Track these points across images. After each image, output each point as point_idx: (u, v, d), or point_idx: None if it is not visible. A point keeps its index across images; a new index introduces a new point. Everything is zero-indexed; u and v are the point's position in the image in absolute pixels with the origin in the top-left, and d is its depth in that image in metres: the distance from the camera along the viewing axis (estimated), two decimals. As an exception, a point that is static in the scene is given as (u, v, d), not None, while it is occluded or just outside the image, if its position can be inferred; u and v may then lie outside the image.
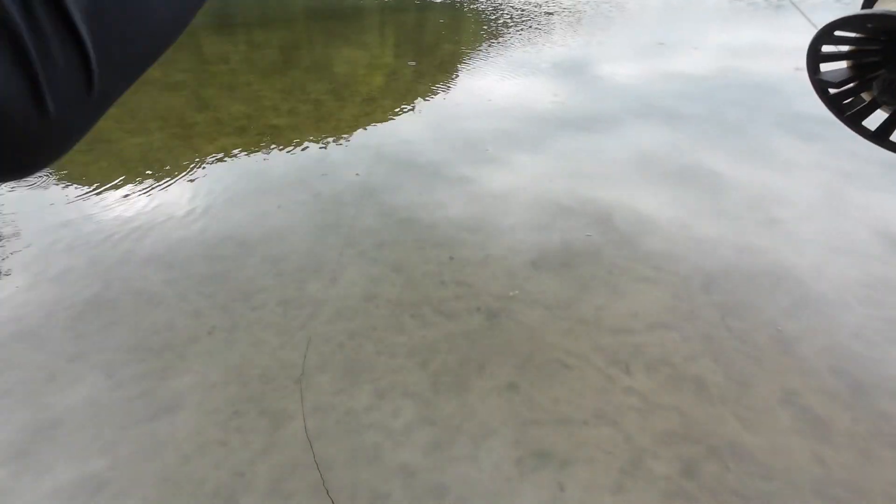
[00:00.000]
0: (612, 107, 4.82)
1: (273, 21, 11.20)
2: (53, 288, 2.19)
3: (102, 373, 1.77)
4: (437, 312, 2.04)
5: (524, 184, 3.18)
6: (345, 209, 2.85)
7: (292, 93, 5.27)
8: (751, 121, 4.46)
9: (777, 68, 6.30)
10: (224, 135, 4.01)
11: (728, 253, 2.48)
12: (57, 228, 2.64)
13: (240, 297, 2.14)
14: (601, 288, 2.21)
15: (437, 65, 6.89)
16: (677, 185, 3.19)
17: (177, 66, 6.57)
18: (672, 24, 10.71)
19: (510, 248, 2.49)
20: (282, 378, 1.75)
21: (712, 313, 2.06)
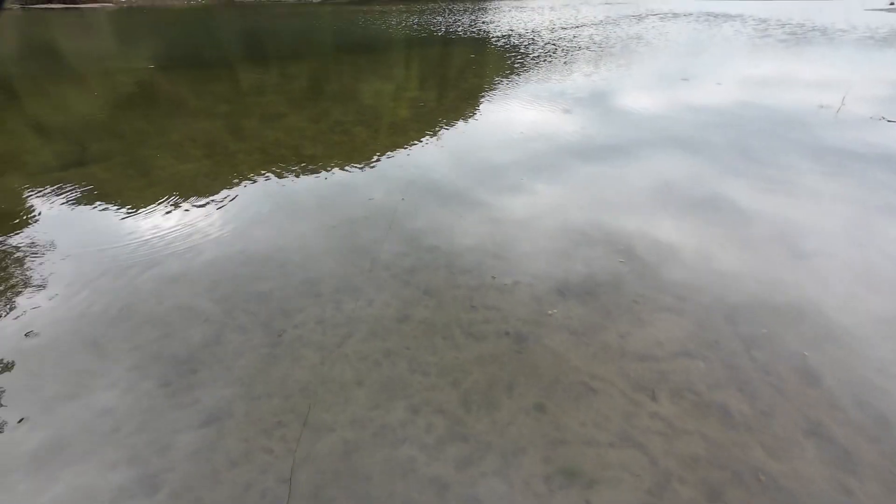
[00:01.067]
0: (636, 137, 4.95)
1: (305, 55, 11.83)
2: (115, 302, 2.38)
3: (158, 381, 1.92)
4: (466, 334, 2.14)
5: (548, 212, 3.30)
6: (378, 234, 3.01)
7: (325, 123, 5.57)
8: (775, 153, 4.52)
9: (801, 103, 6.35)
10: (264, 162, 4.28)
11: (751, 284, 2.52)
12: (115, 248, 2.87)
13: (282, 316, 2.28)
14: (625, 315, 2.28)
15: (462, 96, 7.17)
16: (700, 216, 3.26)
17: (219, 97, 7.01)
18: (695, 60, 10.89)
19: (535, 275, 2.59)
20: (322, 392, 1.86)
21: (736, 344, 2.10)
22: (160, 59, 11.15)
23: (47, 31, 18.54)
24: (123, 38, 16.98)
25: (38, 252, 2.85)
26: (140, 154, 4.57)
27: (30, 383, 1.92)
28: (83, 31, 19.04)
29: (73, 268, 2.68)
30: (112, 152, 4.61)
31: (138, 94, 7.49)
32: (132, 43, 15.40)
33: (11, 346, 2.10)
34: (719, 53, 11.90)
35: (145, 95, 7.45)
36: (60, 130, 5.42)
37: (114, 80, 8.57)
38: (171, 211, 3.34)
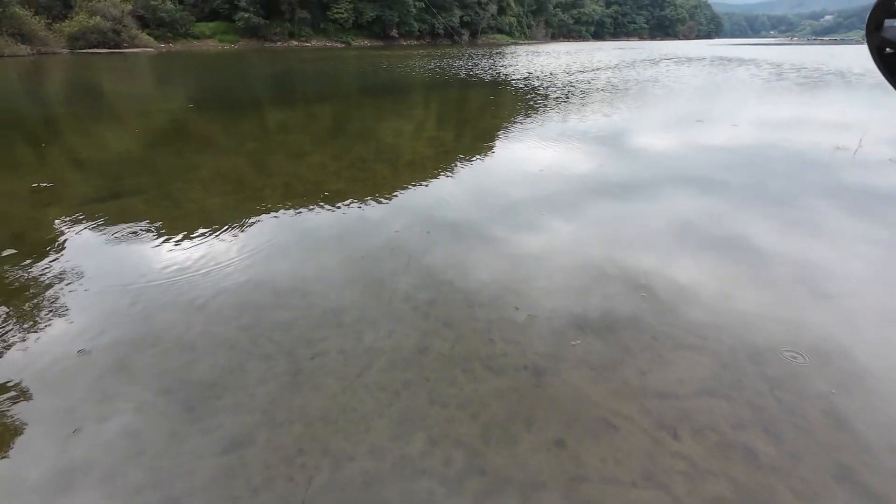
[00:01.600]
0: (653, 176, 5.01)
1: (330, 97, 12.40)
2: (145, 328, 2.47)
3: (183, 406, 1.97)
4: (485, 368, 2.16)
5: (566, 249, 3.35)
6: (398, 267, 3.08)
7: (347, 160, 5.80)
8: (793, 193, 4.53)
9: (817, 145, 6.38)
10: (288, 197, 4.45)
11: (774, 325, 2.50)
12: (146, 276, 2.99)
13: (304, 345, 2.33)
14: (645, 352, 2.27)
15: (481, 135, 7.40)
16: (719, 255, 3.26)
17: (247, 135, 7.36)
18: (710, 102, 11.08)
19: (553, 310, 2.60)
20: (342, 421, 1.88)
21: (760, 384, 2.07)
22: (194, 100, 11.81)
23: (92, 73, 19.87)
24: (161, 79, 18.08)
25: (71, 279, 2.98)
26: (172, 188, 4.81)
27: (62, 405, 1.98)
28: (125, 74, 20.35)
29: (106, 294, 2.79)
30: (146, 186, 4.85)
31: (173, 132, 7.92)
32: (169, 84, 16.38)
33: (43, 369, 2.19)
34: (734, 96, 12.10)
35: (179, 133, 7.87)
36: (99, 165, 5.74)
37: (150, 119, 9.09)
38: (200, 242, 3.49)
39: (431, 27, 69.91)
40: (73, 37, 37.73)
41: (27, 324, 2.53)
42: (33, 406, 1.98)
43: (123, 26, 40.53)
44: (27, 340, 2.39)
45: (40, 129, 8.23)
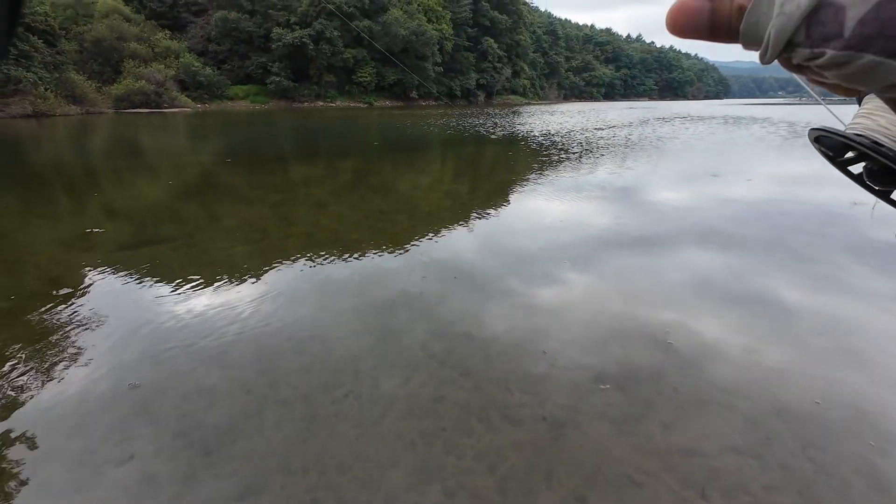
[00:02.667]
0: (669, 230, 5.04)
1: (352, 152, 12.99)
2: (167, 370, 2.51)
3: (200, 450, 1.97)
4: (503, 418, 2.12)
5: (584, 301, 3.34)
6: (415, 315, 3.11)
7: (367, 211, 5.99)
8: (814, 248, 4.49)
9: (834, 200, 6.38)
10: (310, 246, 4.59)
11: (802, 381, 2.42)
12: (171, 320, 3.08)
13: (321, 390, 2.34)
14: (667, 406, 2.21)
15: (497, 189, 7.60)
16: (740, 309, 3.21)
17: (273, 188, 7.71)
18: (724, 158, 11.25)
19: (572, 361, 2.57)
20: (357, 469, 1.85)
21: (790, 442, 1.98)
22: (224, 155, 12.51)
23: (133, 130, 21.31)
24: (196, 136, 19.27)
25: (98, 322, 3.08)
26: (200, 237, 5.01)
27: (83, 446, 2.00)
28: (163, 131, 21.77)
29: (131, 337, 2.87)
30: (176, 234, 5.07)
31: (204, 184, 8.35)
32: (203, 140, 17.42)
33: (67, 411, 2.23)
34: (748, 152, 12.28)
35: (209, 185, 8.29)
36: (132, 214, 6.05)
37: (183, 172, 9.63)
38: (223, 288, 3.59)
39: (449, 89, 73.83)
40: (119, 98, 40.87)
41: (53, 365, 2.60)
42: (53, 447, 2.00)
43: (165, 89, 43.85)
44: (52, 381, 2.45)
45: (81, 180, 8.78)
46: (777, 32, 0.23)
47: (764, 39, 0.23)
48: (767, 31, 0.23)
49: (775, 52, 0.23)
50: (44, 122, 26.54)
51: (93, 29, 44.07)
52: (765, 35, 0.23)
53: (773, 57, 0.24)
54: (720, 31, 0.25)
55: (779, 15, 0.22)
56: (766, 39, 0.23)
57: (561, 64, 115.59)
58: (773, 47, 0.23)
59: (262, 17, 58.31)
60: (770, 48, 0.23)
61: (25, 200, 6.80)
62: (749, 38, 0.24)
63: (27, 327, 3.02)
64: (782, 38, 0.22)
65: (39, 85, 32.49)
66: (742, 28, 0.24)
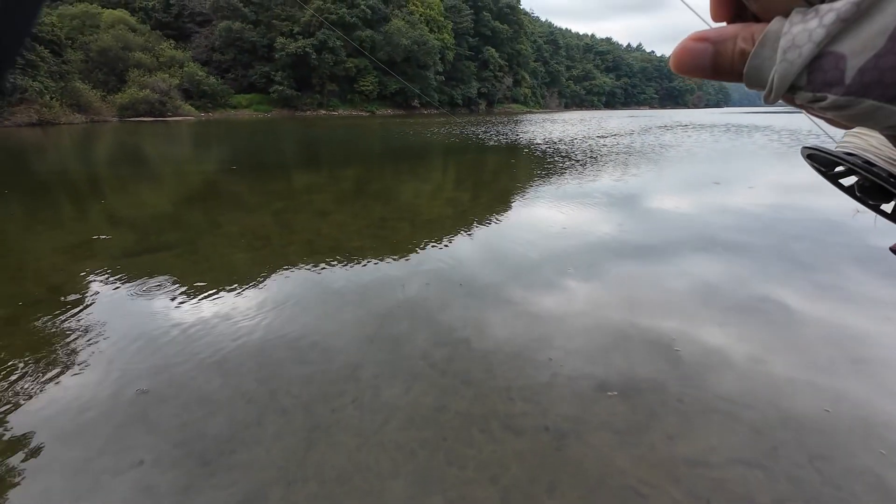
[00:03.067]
0: (672, 238, 5.03)
1: (353, 160, 13.04)
2: (167, 379, 2.50)
3: (200, 460, 1.95)
4: (505, 428, 2.10)
5: (587, 309, 3.32)
6: (416, 324, 3.09)
7: (368, 219, 6.00)
8: (817, 256, 4.46)
9: (836, 208, 6.36)
10: (312, 253, 4.59)
11: (808, 390, 2.39)
12: (171, 329, 3.07)
13: (322, 400, 2.32)
14: (671, 416, 2.18)
15: (499, 196, 7.61)
16: (744, 318, 3.19)
17: (275, 195, 7.73)
18: (726, 165, 11.26)
19: (574, 370, 2.55)
20: (357, 480, 1.83)
21: (797, 453, 1.95)
22: (227, 163, 12.56)
23: (137, 139, 21.45)
24: (199, 144, 19.38)
25: (99, 330, 3.07)
26: (202, 244, 5.02)
27: (82, 455, 1.98)
28: (166, 139, 21.91)
29: (130, 346, 2.86)
30: (178, 242, 5.08)
31: (206, 192, 8.38)
32: (206, 149, 17.52)
33: (67, 419, 2.21)
34: (749, 160, 12.30)
35: (212, 193, 8.32)
36: (134, 222, 6.06)
37: (186, 180, 9.67)
38: (224, 296, 3.58)
39: (451, 97, 74.31)
40: (124, 107, 41.22)
41: (53, 373, 2.59)
42: (53, 455, 1.99)
43: (169, 98, 44.22)
44: (52, 389, 2.44)
45: (87, 188, 8.82)
46: (780, 78, 0.24)
47: (767, 83, 0.24)
48: (771, 76, 0.24)
49: (779, 95, 0.25)
50: (48, 131, 26.75)
51: (99, 39, 44.58)
52: (768, 79, 0.24)
53: (776, 98, 0.25)
54: (723, 72, 0.26)
55: (782, 61, 0.23)
56: (770, 83, 0.24)
57: (562, 73, 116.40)
58: (777, 91, 0.24)
59: (265, 27, 58.95)
60: (774, 91, 0.24)
61: (30, 208, 6.83)
62: (752, 81, 0.25)
63: (29, 334, 3.01)
64: (785, 83, 0.24)
65: (45, 94, 32.80)
66: (745, 71, 0.25)
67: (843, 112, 0.24)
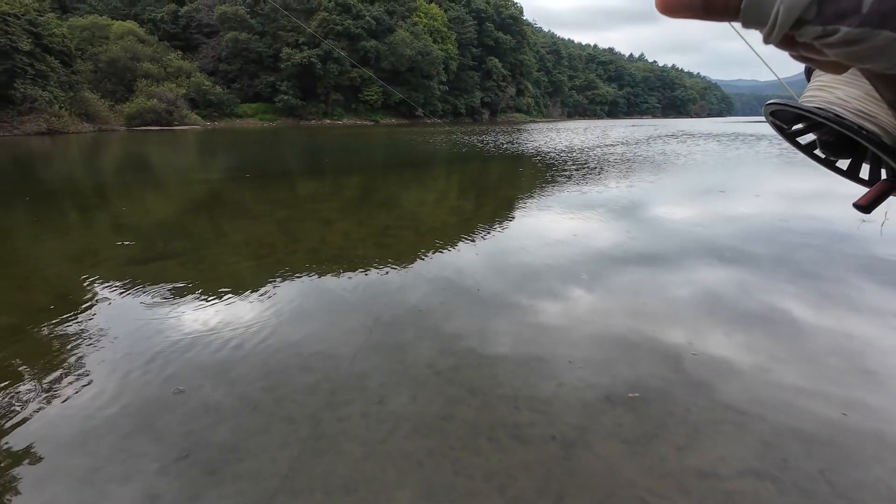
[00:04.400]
0: (678, 247, 5.02)
1: (358, 169, 13.11)
2: (173, 387, 2.50)
3: (205, 468, 1.94)
4: (512, 437, 2.08)
5: (592, 318, 3.31)
6: (422, 332, 3.09)
7: (373, 227, 6.02)
8: (823, 266, 4.44)
9: (842, 217, 6.34)
10: (317, 261, 4.60)
11: (817, 401, 2.37)
12: (176, 336, 3.08)
13: (327, 408, 2.32)
14: (680, 427, 2.16)
15: (504, 204, 7.62)
16: (751, 328, 3.17)
17: (280, 204, 7.77)
18: (731, 174, 11.25)
19: (581, 380, 2.54)
20: (363, 490, 1.82)
21: (808, 465, 1.93)
22: (233, 171, 12.66)
23: (144, 147, 21.67)
24: (206, 153, 19.55)
25: (104, 338, 3.08)
26: (207, 252, 5.04)
27: (88, 464, 1.98)
28: (173, 148, 22.12)
29: (136, 354, 2.87)
30: (184, 249, 5.11)
31: (211, 200, 8.44)
32: (213, 157, 17.67)
33: (73, 428, 2.22)
34: (755, 169, 12.29)
35: (218, 201, 8.38)
36: (140, 230, 6.10)
37: (192, 188, 9.74)
38: (230, 304, 3.60)
39: (454, 107, 74.83)
40: (131, 116, 41.72)
41: (59, 381, 2.59)
42: (59, 464, 1.98)
43: (176, 107, 44.72)
44: (58, 398, 2.44)
45: (93, 196, 8.90)
46: (787, 10, 0.21)
47: (770, 17, 0.22)
48: (775, 9, 0.21)
49: (783, 31, 0.22)
50: (57, 140, 27.07)
51: (108, 49, 45.27)
52: (771, 13, 0.22)
53: (779, 36, 0.22)
54: (716, 9, 0.23)
55: None
56: (774, 17, 0.22)
57: (564, 83, 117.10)
58: (781, 26, 0.22)
59: (271, 38, 59.70)
60: (778, 27, 0.22)
61: (42, 215, 6.89)
62: (750, 17, 0.22)
63: (34, 342, 3.03)
64: (792, 16, 0.21)
65: (54, 103, 33.24)
66: (743, 6, 0.22)
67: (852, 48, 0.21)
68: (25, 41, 31.16)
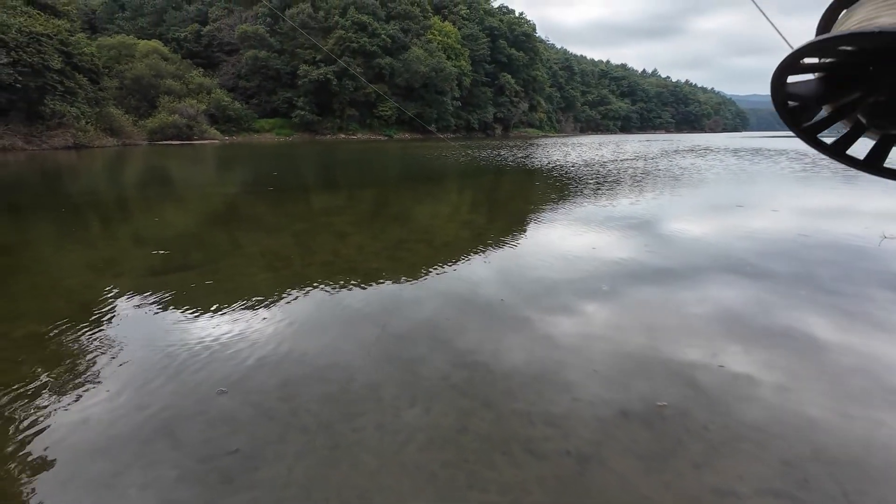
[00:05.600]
0: (695, 262, 4.97)
1: (372, 183, 13.28)
2: (193, 396, 2.55)
3: (222, 477, 1.97)
4: (526, 451, 2.08)
5: (606, 333, 3.29)
6: (437, 345, 3.10)
7: (387, 241, 6.08)
8: (844, 282, 4.36)
9: (862, 232, 6.22)
10: (331, 274, 4.66)
11: (839, 421, 2.31)
12: (195, 346, 3.14)
13: (343, 419, 2.34)
14: (697, 444, 2.13)
15: (517, 218, 7.65)
16: (771, 345, 3.12)
17: (296, 217, 7.91)
18: (748, 189, 11.13)
19: (595, 395, 2.52)
20: (378, 501, 1.83)
21: (830, 485, 1.88)
22: (249, 185, 12.92)
23: (165, 161, 22.27)
24: (223, 167, 20.00)
25: (125, 347, 3.16)
26: (224, 264, 5.15)
27: (110, 468, 2.03)
28: (192, 161, 22.69)
29: (155, 362, 2.93)
30: (200, 262, 5.22)
31: (228, 213, 8.62)
32: (229, 171, 18.07)
33: (94, 434, 2.27)
34: (772, 183, 12.15)
35: (234, 213, 8.56)
36: (158, 241, 6.26)
37: (210, 201, 9.97)
38: (247, 315, 3.66)
39: (467, 122, 75.57)
40: (153, 131, 42.98)
41: (78, 389, 2.66)
42: (79, 469, 2.03)
43: (196, 122, 45.99)
44: (78, 404, 2.51)
45: (125, 208, 9.16)
46: None
47: None
48: None
49: None
50: (83, 154, 27.97)
51: (133, 67, 46.90)
52: None
53: None
54: None
55: None
56: None
57: (577, 98, 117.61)
58: None
59: (289, 56, 61.27)
60: None
61: (78, 226, 7.11)
62: None
63: (57, 349, 3.11)
64: None
65: (81, 119, 34.43)
66: None
67: None
68: (57, 60, 32.45)
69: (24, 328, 3.44)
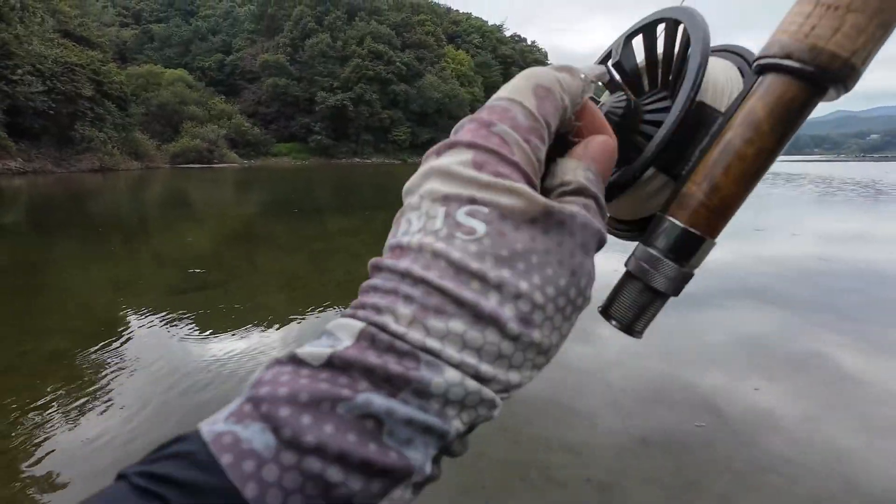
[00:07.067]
0: (713, 287, 4.89)
1: (384, 204, 13.45)
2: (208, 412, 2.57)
3: (239, 497, 1.97)
4: (545, 478, 2.04)
5: (623, 360, 3.25)
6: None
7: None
8: (869, 310, 4.24)
9: (885, 258, 6.08)
10: (346, 294, 4.70)
11: (869, 454, 2.23)
12: (207, 362, 3.18)
13: (358, 441, 2.32)
14: (723, 475, 2.07)
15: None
16: (792, 374, 3.04)
17: (311, 238, 8.04)
18: (767, 212, 11.00)
19: (614, 422, 2.47)
20: (395, 526, 1.80)
21: (866, 522, 1.81)
22: (267, 206, 13.20)
23: (186, 184, 22.92)
24: (241, 189, 20.51)
25: (141, 367, 3.21)
26: (241, 283, 5.23)
27: (128, 485, 2.04)
28: (212, 184, 23.31)
29: (179, 382, 2.97)
30: (217, 282, 5.32)
31: (247, 233, 8.80)
32: (248, 193, 18.51)
33: (110, 453, 2.29)
34: (791, 207, 12.00)
35: (252, 234, 8.73)
36: (177, 262, 6.40)
37: (228, 222, 10.20)
38: (263, 333, 3.70)
39: (481, 146, 76.40)
40: (175, 154, 44.42)
41: (92, 408, 2.70)
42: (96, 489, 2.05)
43: (216, 147, 47.44)
44: (87, 425, 2.54)
45: (137, 230, 9.42)
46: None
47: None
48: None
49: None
50: (108, 176, 28.96)
51: (159, 95, 48.90)
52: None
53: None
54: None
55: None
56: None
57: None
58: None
59: (307, 83, 63.33)
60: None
61: (113, 244, 7.32)
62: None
63: (78, 367, 3.17)
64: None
65: (108, 143, 35.81)
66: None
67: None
68: (88, 88, 34.02)
69: (52, 344, 3.52)
